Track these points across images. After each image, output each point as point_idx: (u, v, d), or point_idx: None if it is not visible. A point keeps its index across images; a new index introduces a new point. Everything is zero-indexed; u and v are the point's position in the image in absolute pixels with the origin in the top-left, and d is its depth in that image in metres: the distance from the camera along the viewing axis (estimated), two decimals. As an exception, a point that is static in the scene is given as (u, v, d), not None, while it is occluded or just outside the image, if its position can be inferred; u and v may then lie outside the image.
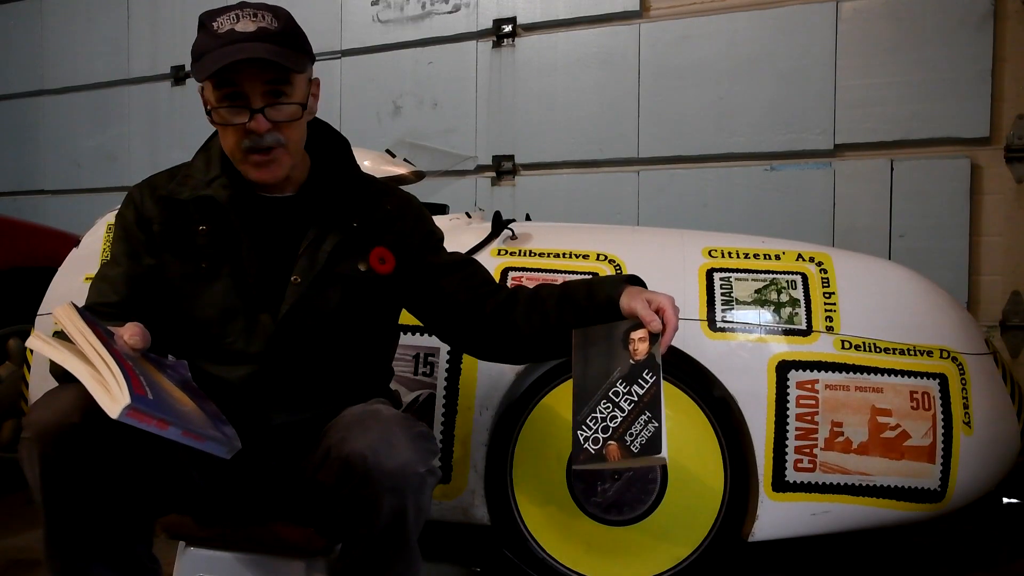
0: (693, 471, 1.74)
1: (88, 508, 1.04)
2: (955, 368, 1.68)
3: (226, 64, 1.14)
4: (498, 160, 3.81)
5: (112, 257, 1.29)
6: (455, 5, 3.90)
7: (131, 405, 0.86)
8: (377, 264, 1.30)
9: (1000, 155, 3.00)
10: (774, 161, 3.32)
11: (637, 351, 1.14)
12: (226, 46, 1.15)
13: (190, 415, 0.98)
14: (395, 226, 1.34)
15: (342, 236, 1.28)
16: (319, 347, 1.26)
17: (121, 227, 1.30)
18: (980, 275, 3.02)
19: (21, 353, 2.69)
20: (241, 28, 1.17)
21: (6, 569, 1.99)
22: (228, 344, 1.23)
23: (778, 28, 3.30)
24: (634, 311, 1.17)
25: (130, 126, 4.81)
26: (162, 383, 0.99)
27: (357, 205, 1.32)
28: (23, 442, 1.01)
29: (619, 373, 1.13)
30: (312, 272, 1.25)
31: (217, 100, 1.19)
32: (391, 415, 1.13)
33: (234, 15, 1.18)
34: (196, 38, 1.21)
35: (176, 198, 1.27)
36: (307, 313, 1.24)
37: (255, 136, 1.19)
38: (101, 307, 1.21)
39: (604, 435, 1.09)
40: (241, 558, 1.30)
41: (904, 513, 1.66)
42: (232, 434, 1.05)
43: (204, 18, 1.20)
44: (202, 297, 1.24)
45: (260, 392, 1.23)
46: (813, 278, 1.75)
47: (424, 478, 1.09)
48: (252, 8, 1.20)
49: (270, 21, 1.19)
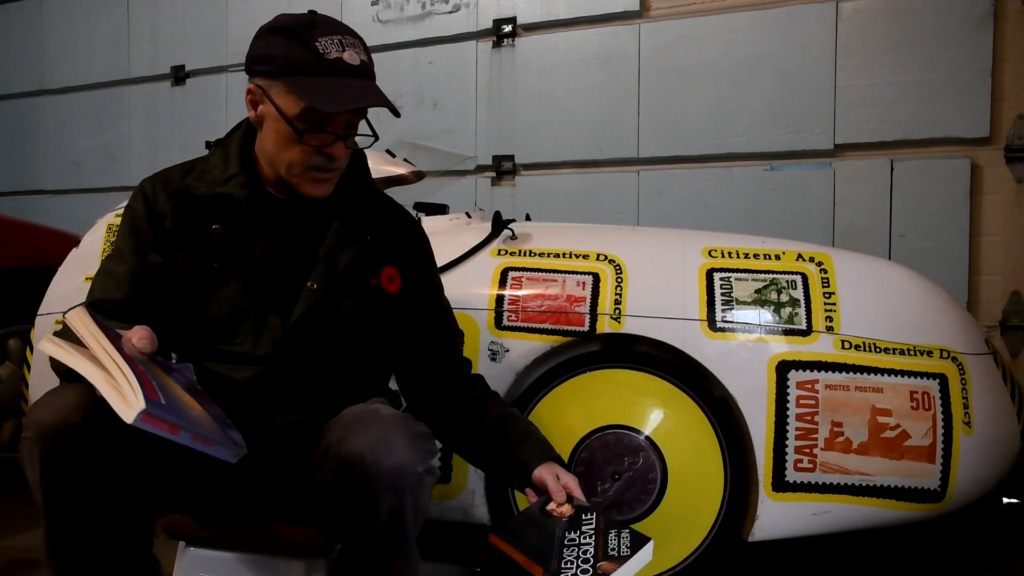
0: (693, 471, 1.74)
1: (89, 508, 1.04)
2: (955, 368, 1.68)
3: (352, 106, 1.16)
4: (498, 160, 3.81)
5: (118, 251, 1.26)
6: (455, 5, 3.90)
7: (146, 410, 0.86)
8: (386, 282, 1.32)
9: (1000, 155, 3.00)
10: (774, 161, 3.32)
11: (564, 515, 1.23)
12: (341, 78, 1.16)
13: (199, 420, 0.98)
14: (405, 247, 1.37)
15: (359, 249, 1.29)
16: (326, 353, 1.26)
17: (129, 220, 1.27)
18: (980, 275, 3.03)
19: (21, 353, 2.69)
20: (348, 60, 1.17)
21: (6, 569, 1.99)
22: (235, 345, 1.22)
23: (778, 28, 3.30)
24: (543, 481, 1.27)
25: (130, 126, 4.82)
26: (172, 387, 1.00)
27: (372, 218, 1.34)
28: (24, 442, 1.01)
29: (561, 529, 1.20)
30: (329, 279, 1.25)
31: (305, 121, 1.18)
32: (390, 415, 1.13)
33: (338, 42, 1.18)
34: (280, 42, 1.17)
35: (192, 193, 1.25)
36: (318, 319, 1.24)
37: (328, 158, 1.21)
38: (105, 304, 1.20)
39: (589, 564, 1.14)
40: (241, 558, 1.30)
41: (904, 513, 1.66)
42: (238, 438, 1.05)
43: (300, 30, 1.17)
44: (212, 297, 1.23)
45: (264, 393, 1.22)
46: (813, 278, 1.75)
47: (422, 478, 1.09)
48: (350, 36, 1.20)
49: (365, 51, 1.21)
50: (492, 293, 1.80)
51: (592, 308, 1.76)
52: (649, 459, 1.73)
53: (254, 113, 1.23)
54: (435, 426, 1.33)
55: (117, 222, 2.27)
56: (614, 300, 1.76)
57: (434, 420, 1.35)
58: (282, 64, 1.17)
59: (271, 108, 1.19)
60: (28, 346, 2.29)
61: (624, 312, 1.75)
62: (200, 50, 4.59)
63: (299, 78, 1.16)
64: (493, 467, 1.38)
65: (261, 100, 1.21)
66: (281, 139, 1.20)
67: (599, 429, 1.76)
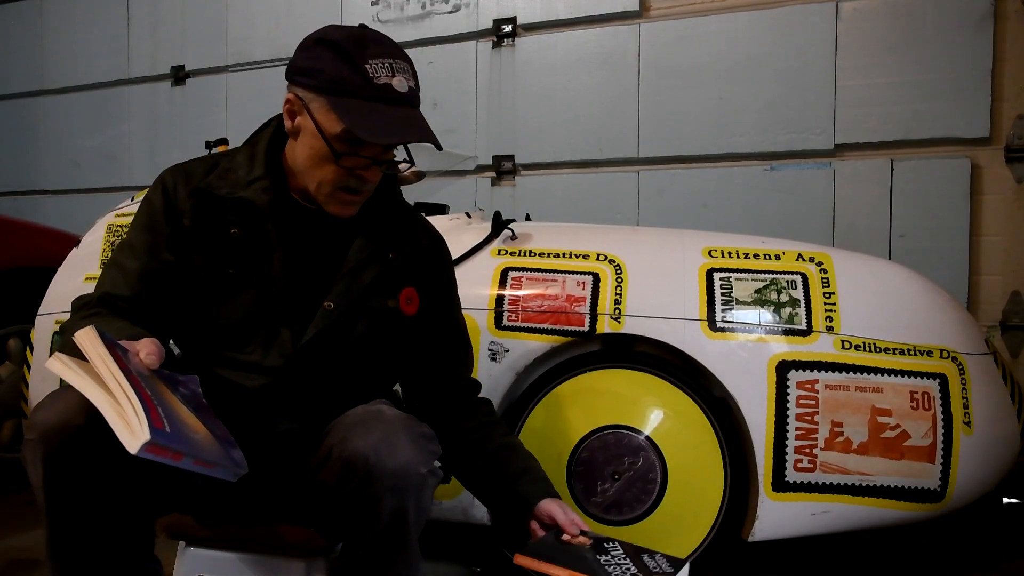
0: (693, 471, 1.74)
1: (91, 510, 1.03)
2: (955, 368, 1.68)
3: None
4: (498, 160, 3.81)
5: (131, 244, 1.23)
6: (455, 5, 3.90)
7: (150, 441, 0.86)
8: (404, 304, 1.30)
9: (1000, 155, 3.00)
10: (774, 161, 3.32)
11: (583, 543, 1.23)
12: (388, 106, 1.13)
13: (202, 443, 0.97)
14: (427, 265, 1.34)
15: (381, 269, 1.26)
16: (335, 369, 1.25)
17: (147, 214, 1.23)
18: (980, 275, 3.03)
19: (21, 353, 2.69)
20: (398, 86, 1.14)
21: (6, 569, 1.99)
22: (245, 353, 1.21)
23: (778, 28, 3.30)
24: (551, 515, 1.27)
25: (130, 126, 4.81)
26: (176, 408, 0.98)
27: (396, 236, 1.31)
28: (27, 443, 1.01)
29: (591, 553, 1.21)
30: (347, 300, 1.22)
31: (343, 143, 1.15)
32: (394, 416, 1.12)
33: (388, 66, 1.14)
34: (328, 57, 1.14)
35: (213, 193, 1.22)
36: (331, 340, 1.22)
37: (360, 181, 1.19)
38: (113, 299, 1.18)
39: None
40: (241, 558, 1.30)
41: (904, 513, 1.66)
42: (239, 457, 1.04)
43: (350, 47, 1.13)
44: (224, 303, 1.21)
45: (271, 402, 1.22)
46: (813, 278, 1.75)
47: (425, 479, 1.08)
48: (400, 60, 1.16)
49: (414, 77, 1.18)
50: (492, 293, 1.81)
51: (592, 308, 1.76)
52: (649, 459, 1.73)
53: (290, 123, 1.19)
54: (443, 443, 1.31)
55: (117, 222, 2.27)
56: (614, 300, 1.76)
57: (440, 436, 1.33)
58: (327, 80, 1.13)
59: (310, 122, 1.16)
60: (28, 346, 2.29)
61: (624, 312, 1.75)
62: (200, 50, 4.59)
63: (344, 99, 1.12)
64: (489, 496, 1.36)
65: (300, 112, 1.17)
66: (315, 155, 1.17)
67: (599, 429, 1.76)
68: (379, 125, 1.12)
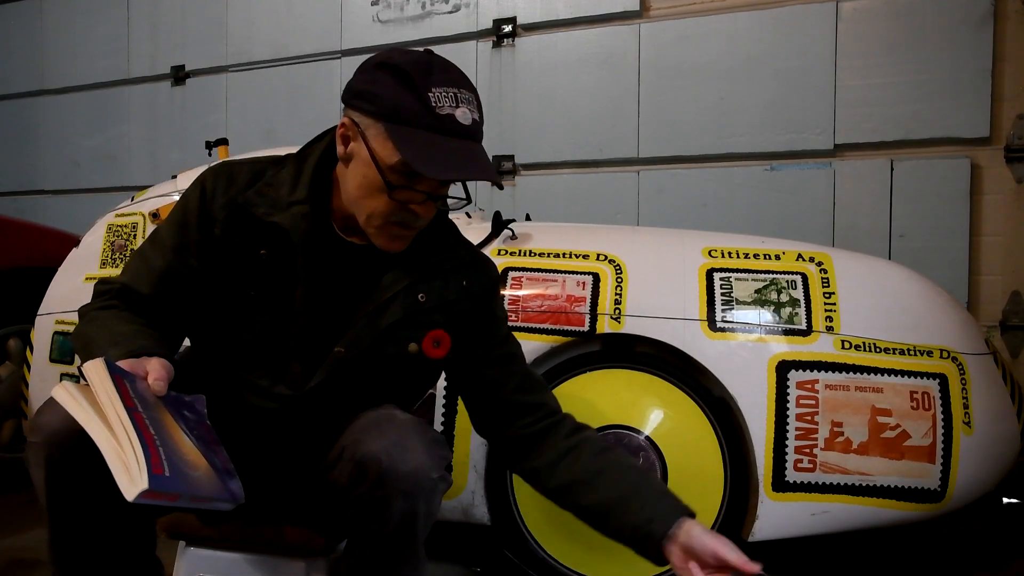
0: (693, 471, 1.74)
1: (93, 512, 1.03)
2: (955, 368, 1.68)
3: None
4: (498, 160, 3.81)
5: (162, 238, 1.19)
6: (455, 5, 3.90)
7: (147, 489, 0.86)
8: (429, 347, 1.21)
9: (1000, 155, 3.00)
10: (774, 161, 3.32)
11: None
12: (449, 138, 1.05)
13: (200, 480, 0.96)
14: (467, 309, 1.23)
15: (404, 312, 1.17)
16: (347, 404, 1.20)
17: (182, 211, 1.18)
18: (980, 275, 3.03)
19: (21, 353, 2.70)
20: (461, 118, 1.06)
21: (6, 569, 1.99)
22: (254, 376, 1.19)
23: (778, 28, 3.30)
24: (720, 555, 1.10)
25: (130, 126, 4.82)
26: (178, 445, 0.96)
27: (435, 276, 1.21)
28: (29, 446, 1.01)
29: None
30: (359, 347, 1.16)
31: (399, 174, 1.07)
32: (406, 419, 1.12)
33: (453, 95, 1.06)
34: (389, 83, 1.06)
35: (249, 211, 1.16)
36: (341, 383, 1.18)
37: (413, 216, 1.11)
38: (132, 294, 1.17)
39: None
40: (241, 558, 1.30)
41: (904, 513, 1.66)
42: (237, 489, 1.02)
43: (413, 73, 1.06)
44: (240, 321, 1.18)
45: (276, 424, 1.20)
46: (813, 278, 1.75)
47: (436, 484, 1.08)
48: (466, 90, 1.09)
49: (478, 108, 1.10)
50: (492, 293, 1.80)
51: (592, 308, 1.76)
52: (649, 459, 1.73)
53: (343, 149, 1.12)
54: (521, 472, 1.26)
55: (117, 222, 2.27)
56: (614, 300, 1.76)
57: (520, 471, 1.27)
58: (387, 107, 1.05)
59: (364, 150, 1.08)
60: (28, 346, 2.29)
61: (624, 312, 1.75)
62: (200, 50, 4.59)
63: (403, 128, 1.05)
64: (611, 530, 1.23)
65: (355, 137, 1.10)
66: (367, 185, 1.09)
67: (599, 429, 1.76)
68: (438, 159, 1.04)
